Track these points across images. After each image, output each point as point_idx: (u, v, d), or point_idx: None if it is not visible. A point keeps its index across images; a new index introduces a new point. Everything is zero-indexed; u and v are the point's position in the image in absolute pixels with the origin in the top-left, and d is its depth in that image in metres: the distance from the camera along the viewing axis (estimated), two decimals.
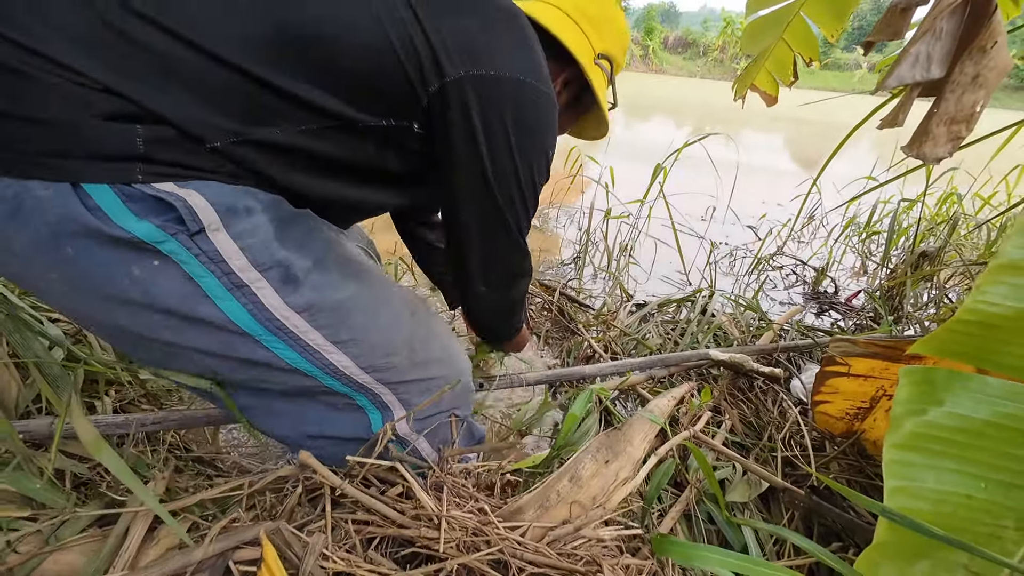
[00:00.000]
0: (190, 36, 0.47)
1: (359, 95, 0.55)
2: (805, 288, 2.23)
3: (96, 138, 0.44)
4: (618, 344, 1.51)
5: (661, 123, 7.82)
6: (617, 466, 0.72)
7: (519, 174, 0.65)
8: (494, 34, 0.61)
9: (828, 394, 1.02)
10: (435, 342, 0.71)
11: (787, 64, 1.58)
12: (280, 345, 0.56)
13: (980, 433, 0.58)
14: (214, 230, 0.49)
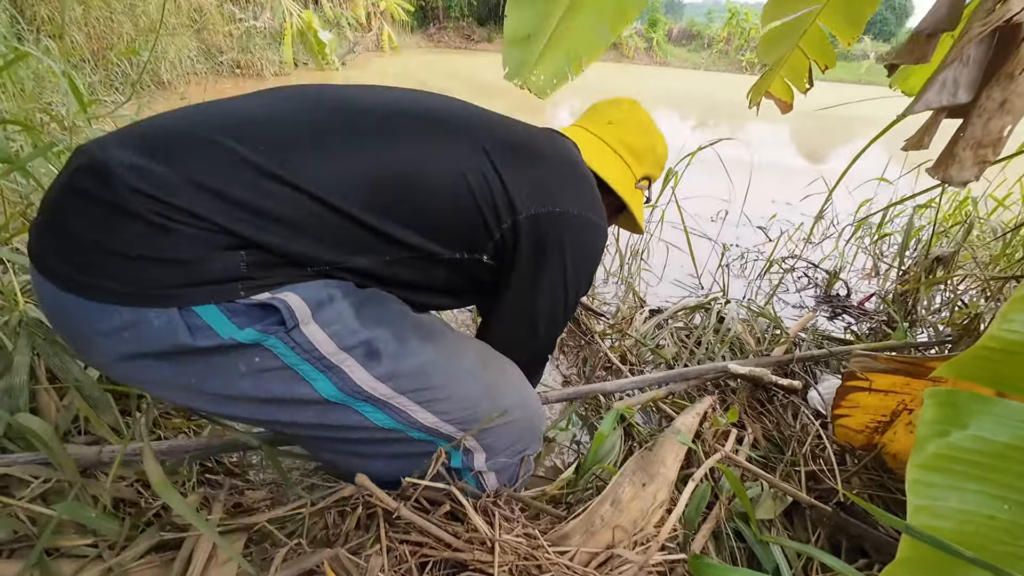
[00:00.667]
0: (303, 185, 0.55)
1: (440, 234, 0.65)
2: (817, 291, 2.24)
3: (207, 267, 0.51)
4: (633, 353, 1.53)
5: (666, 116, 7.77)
6: (654, 488, 0.74)
7: (568, 289, 0.76)
8: (559, 178, 0.74)
9: (849, 408, 1.03)
10: (511, 388, 0.76)
11: (802, 71, 1.58)
12: (371, 410, 0.63)
13: (1002, 455, 0.60)
14: (306, 324, 0.56)
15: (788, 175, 4.51)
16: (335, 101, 0.64)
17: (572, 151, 0.84)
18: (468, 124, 0.71)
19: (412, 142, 0.64)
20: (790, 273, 2.36)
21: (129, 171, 0.50)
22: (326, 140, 0.59)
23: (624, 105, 0.97)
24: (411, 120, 0.66)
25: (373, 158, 0.60)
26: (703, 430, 1.04)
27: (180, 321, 0.51)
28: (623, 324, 1.68)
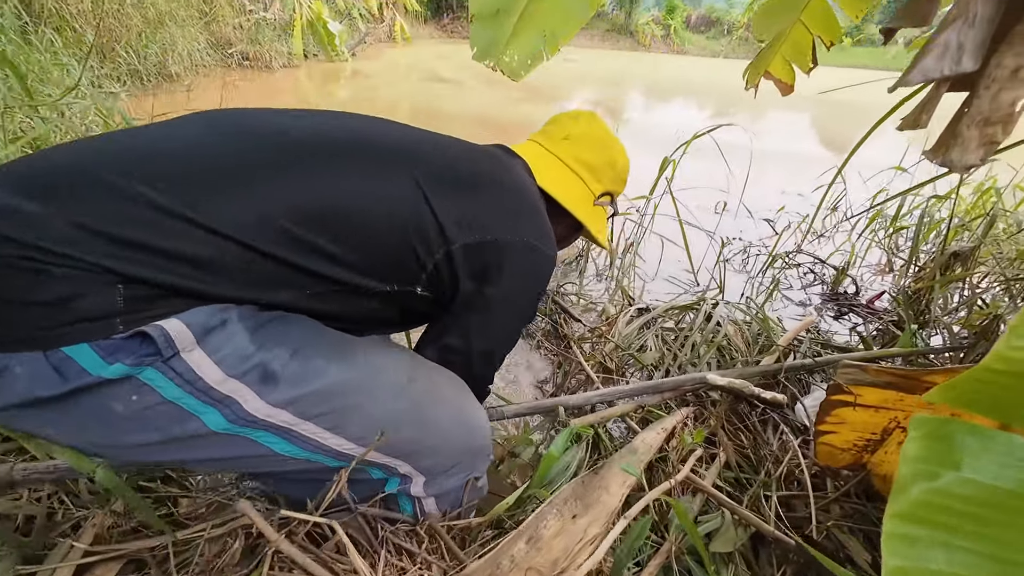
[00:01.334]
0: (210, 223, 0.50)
1: (368, 267, 0.60)
2: (824, 288, 2.09)
3: (78, 305, 0.46)
4: (614, 359, 1.42)
5: (682, 106, 7.52)
6: (587, 521, 0.65)
7: (509, 329, 0.74)
8: (498, 205, 0.70)
9: (834, 424, 0.92)
10: (444, 404, 0.69)
11: (805, 48, 1.43)
12: (274, 440, 0.56)
13: (1004, 506, 0.48)
14: (188, 351, 0.50)
15: (803, 165, 4.28)
16: (252, 130, 0.59)
17: (518, 173, 0.79)
18: (400, 153, 0.66)
19: (336, 175, 0.59)
20: (795, 269, 2.21)
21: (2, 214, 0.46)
22: (239, 173, 0.55)
23: (582, 119, 0.92)
24: (336, 151, 0.61)
25: (292, 192, 0.56)
26: (668, 449, 0.94)
27: (45, 364, 0.46)
28: (603, 327, 1.58)
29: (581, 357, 1.39)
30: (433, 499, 0.70)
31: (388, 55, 10.42)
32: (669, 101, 8.05)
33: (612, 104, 7.05)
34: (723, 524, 0.76)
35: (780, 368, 1.25)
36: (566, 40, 1.33)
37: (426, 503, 0.69)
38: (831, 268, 2.13)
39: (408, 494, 0.68)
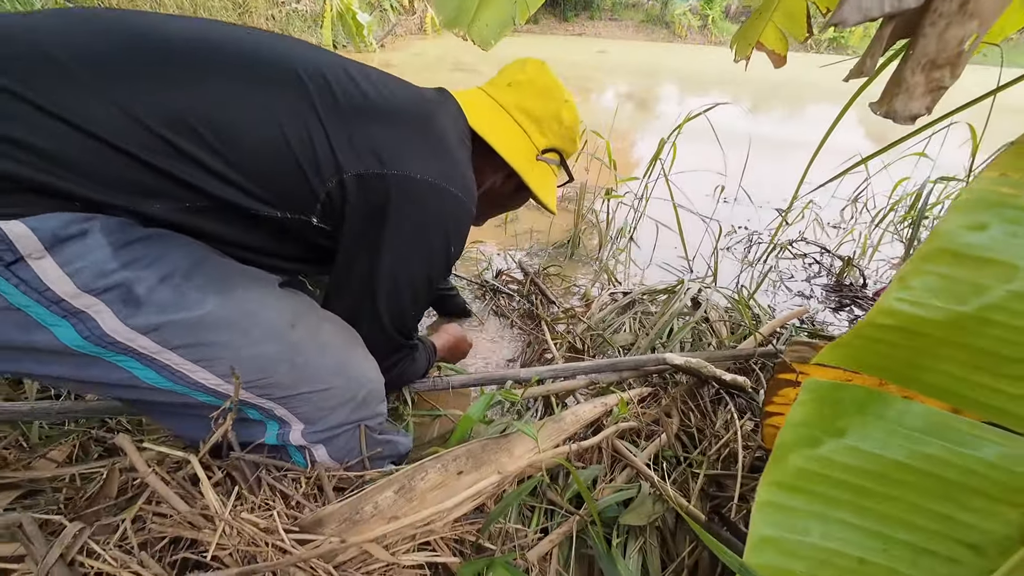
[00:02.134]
0: (72, 118, 0.48)
1: (252, 185, 0.57)
2: (829, 279, 1.97)
3: None
4: (584, 339, 1.38)
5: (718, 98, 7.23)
6: (473, 479, 0.63)
7: (413, 273, 0.68)
8: (407, 138, 0.64)
9: (780, 405, 0.85)
10: (326, 352, 0.66)
11: (799, 16, 1.34)
12: (135, 365, 0.54)
13: (888, 477, 0.43)
14: (36, 258, 0.47)
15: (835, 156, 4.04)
16: (138, 31, 0.55)
17: (443, 112, 0.74)
18: (300, 71, 0.61)
19: (221, 81, 0.56)
20: (800, 258, 2.09)
21: None
22: (106, 70, 0.51)
23: (529, 67, 0.86)
24: (226, 58, 0.58)
25: (168, 94, 0.53)
26: (605, 424, 0.90)
27: None
28: (579, 309, 1.53)
29: (548, 335, 1.36)
30: (323, 448, 0.68)
31: (417, 46, 10.50)
32: (705, 93, 7.77)
33: (644, 96, 6.87)
34: (638, 496, 0.72)
35: (752, 353, 1.18)
36: (536, 6, 1.29)
37: (315, 451, 0.67)
38: (838, 259, 2.00)
39: (292, 443, 0.66)
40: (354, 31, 8.41)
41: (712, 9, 15.03)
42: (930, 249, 0.43)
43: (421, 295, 0.72)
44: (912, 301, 0.43)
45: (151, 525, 0.51)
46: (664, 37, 15.37)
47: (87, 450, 0.91)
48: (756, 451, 0.84)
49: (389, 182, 0.62)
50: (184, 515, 0.51)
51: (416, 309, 0.73)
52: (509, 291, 1.66)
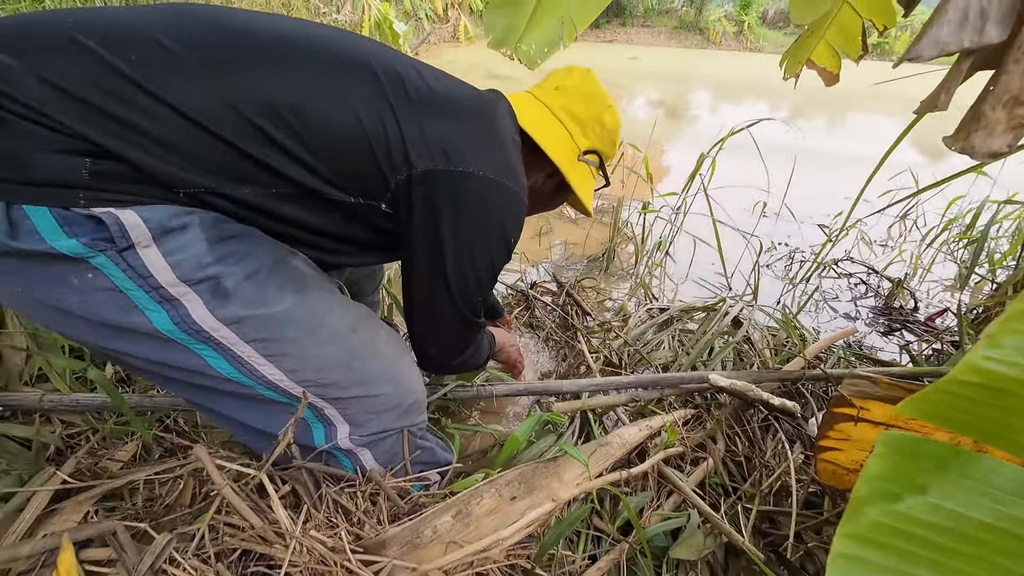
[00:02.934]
0: (175, 103, 0.51)
1: (329, 172, 0.60)
2: (877, 301, 1.90)
3: (44, 167, 0.47)
4: (621, 355, 1.38)
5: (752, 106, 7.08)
6: (526, 504, 0.63)
7: (477, 263, 0.71)
8: (470, 137, 0.67)
9: (837, 440, 0.83)
10: (380, 359, 0.70)
11: (853, 34, 1.30)
12: (211, 354, 0.58)
13: (972, 538, 0.41)
14: (144, 247, 0.51)
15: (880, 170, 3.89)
16: (225, 23, 0.59)
17: (501, 113, 0.77)
18: (375, 66, 0.64)
19: (303, 72, 0.59)
20: (845, 278, 2.02)
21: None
22: (208, 61, 0.54)
23: (575, 73, 0.91)
24: (308, 51, 0.61)
25: (259, 84, 0.56)
26: (650, 447, 0.89)
27: (4, 217, 0.47)
28: (616, 323, 1.53)
29: (585, 348, 1.36)
30: (368, 452, 0.70)
31: (450, 53, 10.68)
32: (739, 101, 7.61)
33: (676, 103, 6.79)
34: (687, 527, 0.71)
35: (800, 376, 1.15)
36: (584, 26, 1.30)
37: (362, 456, 0.70)
38: (887, 280, 1.93)
39: (340, 448, 0.69)
40: (391, 40, 8.61)
41: (748, 15, 14.74)
42: (1021, 308, 0.42)
43: (485, 279, 0.75)
44: (1002, 360, 0.42)
45: (225, 537, 0.54)
46: (698, 44, 15.16)
47: (149, 449, 0.96)
48: (809, 485, 0.82)
49: (454, 177, 0.65)
50: (257, 530, 0.54)
51: (481, 293, 0.76)
52: (544, 302, 1.66)
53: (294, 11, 7.58)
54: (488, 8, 1.29)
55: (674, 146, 4.33)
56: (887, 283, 1.92)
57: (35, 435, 0.79)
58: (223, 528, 0.57)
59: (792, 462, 0.81)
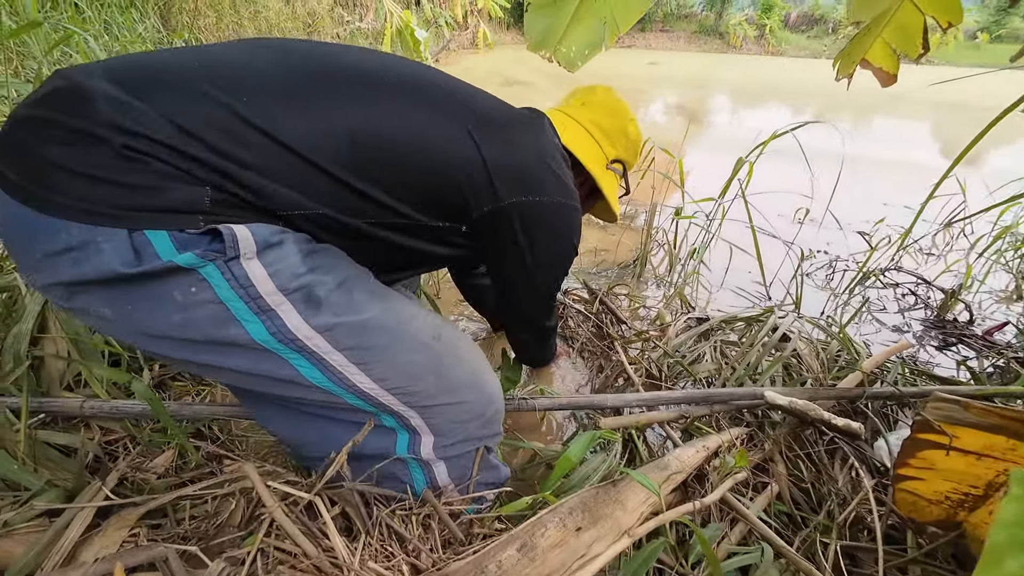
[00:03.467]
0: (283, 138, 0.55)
1: (421, 201, 0.65)
2: (928, 313, 1.80)
3: (169, 196, 0.51)
4: (661, 366, 1.32)
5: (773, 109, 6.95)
6: (592, 536, 0.58)
7: (553, 267, 0.86)
8: (537, 164, 0.75)
9: (919, 469, 0.76)
10: (463, 367, 0.72)
11: (914, 32, 1.23)
12: (304, 364, 0.59)
13: None
14: (248, 258, 0.54)
15: (914, 175, 3.76)
16: (324, 59, 0.63)
17: (551, 133, 0.86)
18: (452, 98, 0.70)
19: (396, 108, 0.64)
20: (892, 289, 1.92)
21: (111, 103, 0.50)
22: (310, 97, 0.59)
23: (598, 90, 1.00)
24: (396, 84, 0.65)
25: (355, 119, 0.60)
26: (709, 470, 0.84)
27: (128, 244, 0.50)
28: (654, 333, 1.47)
29: (625, 359, 1.30)
30: (443, 464, 0.70)
31: (469, 60, 10.76)
32: (759, 105, 7.48)
33: (695, 107, 6.70)
34: (762, 563, 0.65)
35: (861, 394, 1.08)
36: (626, 28, 1.26)
37: (437, 470, 0.70)
38: (938, 291, 1.83)
39: (419, 458, 0.69)
40: (412, 47, 8.71)
41: (770, 18, 14.54)
42: None
43: (560, 279, 0.91)
44: None
45: (279, 566, 0.51)
46: (718, 48, 15.00)
47: (185, 458, 0.94)
48: (888, 517, 0.75)
49: (532, 208, 0.73)
50: (312, 559, 0.50)
51: (558, 284, 0.92)
52: (576, 309, 1.61)
53: (319, 21, 7.72)
54: (529, 10, 1.26)
55: (697, 150, 4.25)
56: (938, 294, 1.83)
57: (81, 445, 0.77)
58: (273, 553, 0.54)
59: (870, 492, 0.75)
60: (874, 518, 0.71)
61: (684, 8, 16.02)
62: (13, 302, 1.03)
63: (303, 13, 7.62)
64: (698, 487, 0.79)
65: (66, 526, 0.58)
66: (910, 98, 7.76)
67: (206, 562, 0.50)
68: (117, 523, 0.59)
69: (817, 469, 0.89)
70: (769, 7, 14.74)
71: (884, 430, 0.97)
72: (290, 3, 7.27)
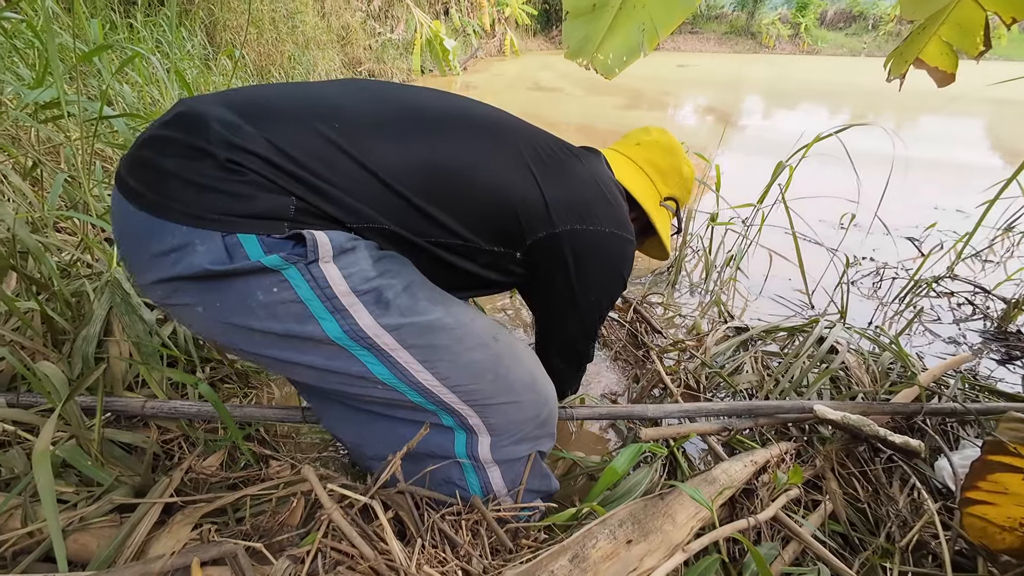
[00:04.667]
0: (366, 162, 0.61)
1: (481, 226, 0.70)
2: (987, 324, 1.70)
3: (259, 203, 0.57)
4: (699, 377, 1.29)
5: (810, 111, 6.73)
6: (644, 549, 0.57)
7: (601, 301, 0.85)
8: (594, 196, 0.79)
9: (990, 492, 0.72)
10: (521, 367, 0.75)
11: (974, 28, 1.17)
12: (373, 360, 0.63)
13: None
14: (325, 261, 0.59)
15: (966, 178, 3.56)
16: (402, 97, 0.71)
17: (605, 169, 0.89)
18: (515, 134, 0.76)
19: (465, 141, 0.69)
20: (946, 298, 1.82)
21: (223, 125, 0.58)
22: (392, 129, 0.65)
23: (653, 131, 1.03)
24: (465, 122, 0.72)
25: (429, 150, 0.66)
26: (757, 485, 0.81)
27: (221, 245, 0.56)
28: (691, 343, 1.44)
29: (662, 368, 1.28)
30: (498, 469, 0.72)
31: (496, 67, 10.86)
32: (795, 106, 7.26)
33: (726, 109, 6.56)
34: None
35: (919, 409, 1.02)
36: (666, 34, 1.25)
37: (491, 474, 0.71)
38: (998, 300, 1.72)
39: (475, 461, 0.71)
40: (440, 56, 8.87)
41: (805, 16, 14.12)
42: None
43: (606, 310, 0.90)
44: None
45: (338, 567, 0.52)
46: (750, 48, 14.66)
47: (234, 458, 0.98)
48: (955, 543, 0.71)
49: (584, 236, 0.76)
50: (370, 561, 0.51)
51: (603, 320, 0.92)
52: (610, 317, 1.60)
53: (352, 33, 7.97)
54: (567, 19, 1.26)
55: (731, 154, 4.16)
56: (998, 303, 1.72)
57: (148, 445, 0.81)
58: (330, 554, 0.55)
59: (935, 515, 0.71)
60: (941, 543, 0.67)
61: (714, 9, 15.74)
62: (81, 307, 1.10)
63: (337, 27, 7.87)
64: (746, 502, 0.77)
65: (137, 521, 0.61)
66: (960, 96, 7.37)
67: (270, 559, 0.52)
68: (182, 520, 0.62)
69: (874, 489, 0.84)
70: (804, 5, 14.31)
71: (946, 449, 0.92)
72: (325, 17, 7.53)
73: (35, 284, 1.04)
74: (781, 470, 0.80)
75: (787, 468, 0.84)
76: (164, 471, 0.90)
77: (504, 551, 0.62)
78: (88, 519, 0.63)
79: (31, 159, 1.42)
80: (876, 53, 14.17)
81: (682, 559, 0.55)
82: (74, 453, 0.70)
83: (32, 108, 1.43)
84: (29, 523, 0.59)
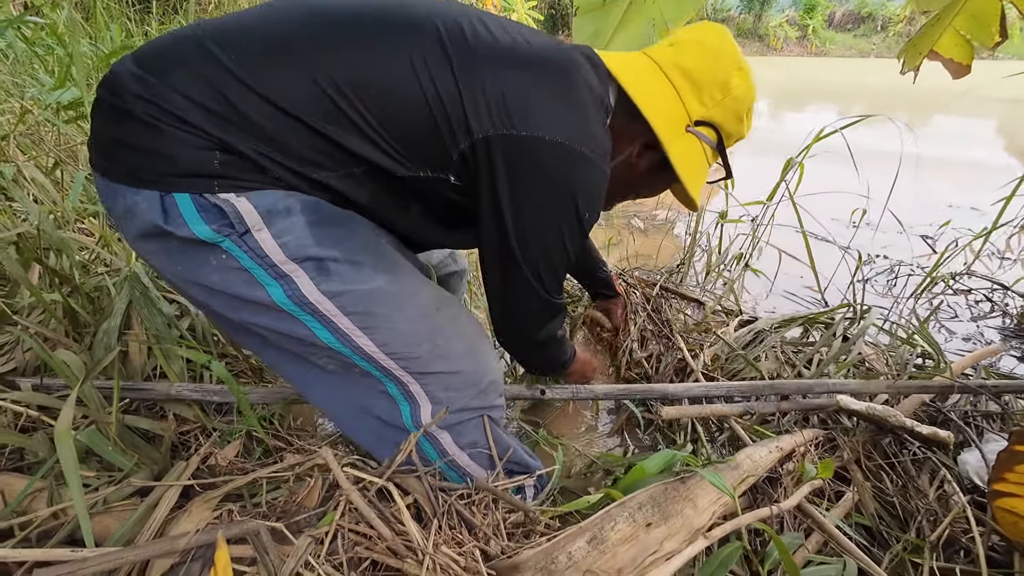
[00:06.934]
0: (268, 94, 0.56)
1: (396, 146, 0.61)
2: (1006, 321, 1.67)
3: (187, 161, 0.56)
4: (720, 363, 1.27)
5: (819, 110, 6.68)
6: (663, 533, 0.57)
7: (545, 238, 0.66)
8: (536, 92, 0.61)
9: (1017, 484, 0.70)
10: (460, 339, 0.73)
11: (989, 19, 1.16)
12: (317, 325, 0.64)
13: None
14: (257, 230, 0.58)
15: (981, 176, 3.51)
16: (310, 10, 0.61)
17: (583, 67, 0.66)
18: (439, 24, 0.60)
19: (370, 48, 0.59)
20: (964, 295, 1.80)
21: (132, 79, 0.56)
22: (292, 50, 0.58)
23: (700, 28, 0.73)
24: (373, 24, 0.60)
25: (333, 67, 0.58)
26: (782, 473, 0.80)
27: (158, 204, 0.56)
28: (714, 324, 1.42)
29: (684, 346, 1.26)
30: (447, 434, 0.71)
31: None
32: (804, 106, 7.21)
33: None
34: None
35: (951, 387, 0.99)
36: (678, 27, 1.25)
37: (442, 439, 0.71)
38: (1018, 297, 1.69)
39: (419, 425, 0.69)
40: None
41: (813, 18, 14.08)
42: None
43: (556, 256, 0.69)
44: None
45: (356, 547, 0.52)
46: (757, 50, 14.63)
47: (249, 448, 0.99)
48: (988, 537, 0.69)
49: (518, 144, 0.59)
50: (388, 542, 0.51)
51: (554, 269, 0.71)
52: (635, 292, 1.58)
53: None
54: (578, 14, 1.27)
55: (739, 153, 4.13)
56: (1018, 300, 1.69)
57: (166, 432, 0.82)
58: (348, 535, 0.55)
59: (967, 508, 0.69)
60: (975, 538, 0.65)
61: (721, 12, 15.74)
62: (101, 302, 1.11)
63: None
64: (770, 490, 0.76)
65: (155, 504, 0.62)
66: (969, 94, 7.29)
67: (291, 539, 0.52)
68: (200, 503, 0.62)
69: (902, 482, 0.83)
70: (812, 6, 14.27)
71: (974, 440, 0.90)
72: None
73: (59, 277, 1.06)
74: (808, 460, 0.79)
75: (812, 458, 0.82)
76: (182, 459, 0.91)
77: (519, 534, 0.61)
78: (109, 502, 0.63)
79: (52, 158, 1.45)
80: (885, 54, 14.05)
81: (704, 545, 0.54)
82: (94, 438, 0.70)
83: (54, 108, 1.47)
84: (55, 503, 0.60)
